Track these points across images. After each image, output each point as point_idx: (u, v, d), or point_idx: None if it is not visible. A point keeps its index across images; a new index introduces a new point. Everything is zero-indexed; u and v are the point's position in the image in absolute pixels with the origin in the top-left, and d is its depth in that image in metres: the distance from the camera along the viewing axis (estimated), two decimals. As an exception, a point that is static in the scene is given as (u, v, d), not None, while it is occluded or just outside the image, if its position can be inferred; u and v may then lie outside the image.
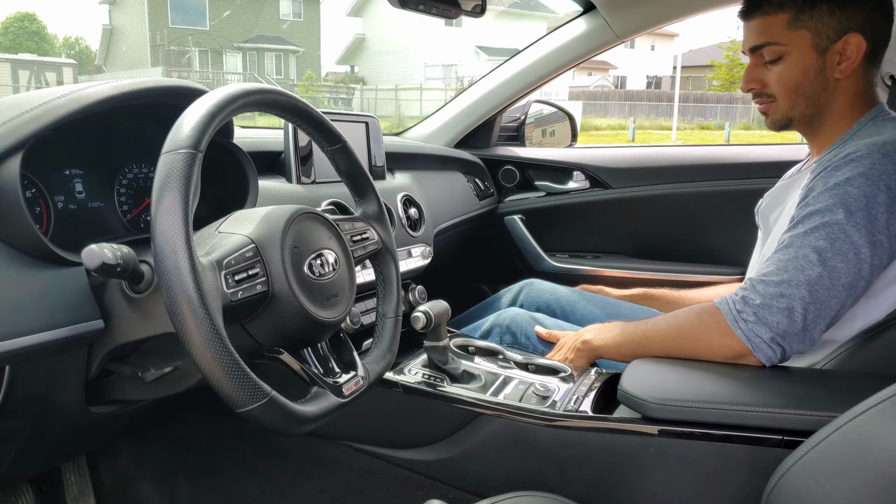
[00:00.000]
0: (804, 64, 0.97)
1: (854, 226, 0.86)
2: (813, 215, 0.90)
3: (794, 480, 0.65)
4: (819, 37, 0.96)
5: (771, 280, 0.90)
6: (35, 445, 0.83)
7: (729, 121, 22.15)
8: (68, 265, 0.72)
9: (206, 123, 0.64)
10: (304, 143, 1.17)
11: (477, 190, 1.82)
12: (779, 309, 0.88)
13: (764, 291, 0.90)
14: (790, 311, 0.87)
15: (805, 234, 0.89)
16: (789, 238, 0.91)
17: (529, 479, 0.97)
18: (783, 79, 0.99)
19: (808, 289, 0.87)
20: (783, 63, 0.99)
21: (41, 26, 29.65)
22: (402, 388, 1.07)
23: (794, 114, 1.02)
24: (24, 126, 0.71)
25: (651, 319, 1.04)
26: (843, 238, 0.87)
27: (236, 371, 0.59)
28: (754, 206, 1.20)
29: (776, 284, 0.89)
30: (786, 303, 0.87)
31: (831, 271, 0.87)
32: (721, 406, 0.84)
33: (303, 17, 27.42)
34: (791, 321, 0.87)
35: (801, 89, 0.99)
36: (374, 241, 0.89)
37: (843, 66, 0.96)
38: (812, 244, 0.88)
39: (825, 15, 0.95)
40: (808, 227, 0.90)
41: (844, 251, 0.87)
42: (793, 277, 0.88)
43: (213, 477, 1.27)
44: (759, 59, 1.02)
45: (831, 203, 0.88)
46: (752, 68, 1.03)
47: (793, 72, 0.98)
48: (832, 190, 0.89)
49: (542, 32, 1.78)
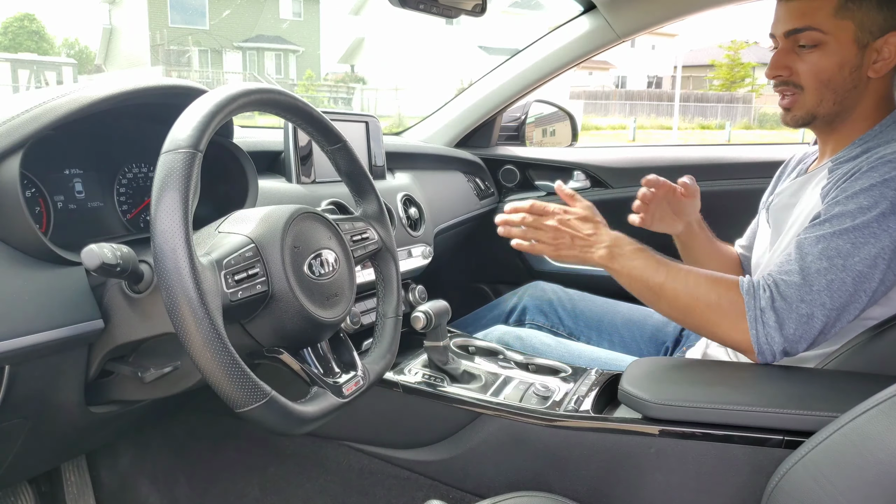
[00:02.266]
0: (842, 57, 0.91)
1: (886, 229, 0.83)
2: (843, 216, 0.85)
3: (794, 480, 0.65)
4: (862, 31, 0.90)
5: (794, 281, 0.86)
6: (35, 445, 0.83)
7: (730, 120, 22.16)
8: (68, 265, 0.72)
9: (206, 123, 0.64)
10: (304, 143, 1.17)
11: (477, 190, 1.82)
12: (799, 316, 0.84)
13: (787, 293, 0.86)
14: (809, 319, 0.84)
15: (833, 236, 0.85)
16: (814, 238, 0.87)
17: (529, 479, 0.97)
18: (817, 69, 0.92)
19: (830, 295, 0.84)
20: (820, 52, 0.91)
21: (41, 26, 29.68)
22: (402, 388, 1.07)
23: (819, 110, 0.95)
24: (24, 126, 0.71)
25: (674, 269, 0.94)
26: (872, 242, 0.83)
27: (236, 371, 0.59)
28: (754, 206, 1.20)
29: (799, 287, 0.85)
30: (806, 309, 0.84)
31: (856, 276, 0.83)
32: (721, 406, 0.84)
33: (303, 17, 27.44)
34: (808, 329, 0.85)
35: (832, 84, 0.93)
36: (374, 241, 0.89)
37: (879, 66, 0.91)
38: (839, 247, 0.84)
39: (873, 9, 0.89)
40: (837, 228, 0.85)
41: (873, 256, 0.83)
42: (816, 282, 0.85)
43: (213, 477, 1.27)
44: (791, 44, 0.94)
45: (865, 205, 0.84)
46: (784, 54, 0.95)
47: (829, 63, 0.91)
48: (868, 191, 0.85)
49: (543, 32, 1.78)
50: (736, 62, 26.67)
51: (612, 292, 1.54)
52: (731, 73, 26.84)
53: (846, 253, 0.84)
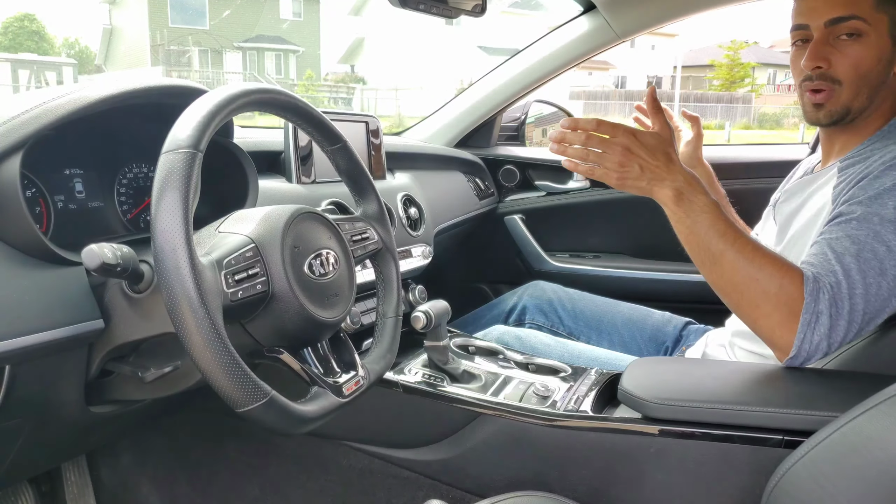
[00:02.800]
0: (881, 50, 0.89)
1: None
2: (870, 218, 0.82)
3: (794, 480, 0.65)
4: (894, 26, 0.89)
5: (841, 287, 0.81)
6: (35, 445, 0.83)
7: (729, 120, 22.15)
8: (68, 265, 0.72)
9: (207, 123, 0.64)
10: (304, 143, 1.17)
11: (477, 190, 1.82)
12: (846, 323, 0.81)
13: (838, 299, 0.81)
14: (849, 325, 0.81)
15: (868, 239, 0.81)
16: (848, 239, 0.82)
17: (529, 479, 0.97)
18: (857, 61, 0.89)
19: (867, 300, 0.81)
20: (860, 43, 0.89)
21: (41, 26, 29.66)
22: (402, 388, 1.07)
23: (854, 105, 0.92)
24: (24, 126, 0.71)
25: (742, 240, 0.85)
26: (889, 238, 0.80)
27: (236, 371, 0.59)
28: (754, 206, 1.19)
29: (846, 293, 0.81)
30: (849, 315, 0.80)
31: (892, 280, 0.81)
32: (721, 406, 0.84)
33: (303, 17, 27.43)
34: (846, 335, 0.82)
35: (869, 77, 0.90)
36: (374, 241, 0.89)
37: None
38: (876, 250, 0.81)
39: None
40: (868, 230, 0.81)
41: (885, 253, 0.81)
42: (858, 286, 0.80)
43: (213, 477, 1.27)
44: (828, 35, 0.91)
45: (891, 205, 0.82)
46: (822, 44, 0.91)
47: (869, 55, 0.89)
48: (891, 191, 0.82)
49: (543, 32, 1.78)
50: (736, 62, 26.69)
51: (613, 292, 1.55)
52: (730, 73, 26.85)
53: (882, 256, 0.81)
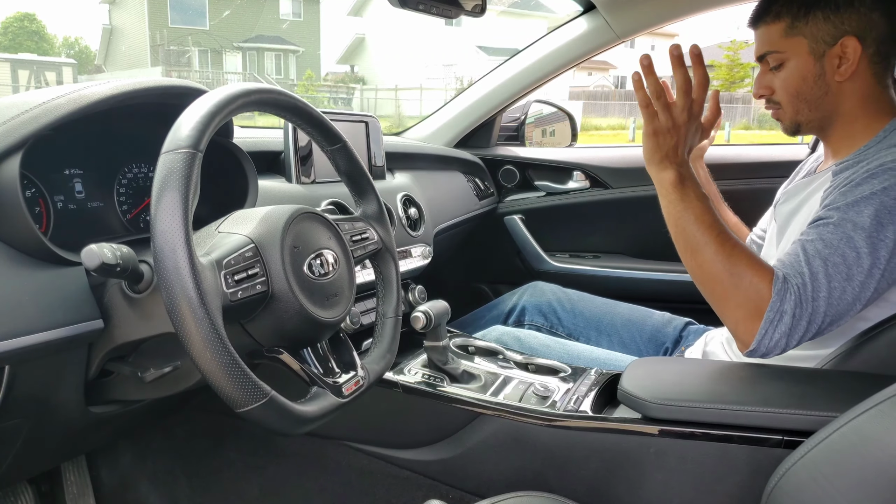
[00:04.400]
0: (803, 70, 0.99)
1: (883, 239, 0.84)
2: (844, 224, 0.87)
3: (794, 480, 0.65)
4: (816, 42, 0.97)
5: (806, 289, 0.86)
6: (34, 445, 0.83)
7: (729, 121, 22.14)
8: (68, 265, 0.72)
9: (206, 123, 0.64)
10: (304, 143, 1.17)
11: (477, 190, 1.82)
12: (806, 324, 0.86)
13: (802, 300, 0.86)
14: (809, 326, 0.86)
15: (840, 243, 0.86)
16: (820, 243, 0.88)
17: (529, 479, 0.97)
18: (786, 85, 1.01)
19: (830, 303, 0.85)
20: (785, 70, 1.00)
21: (41, 26, 29.65)
22: (402, 388, 1.07)
23: (800, 119, 1.03)
24: (24, 126, 0.71)
25: (724, 235, 0.92)
26: (872, 252, 0.85)
27: (236, 371, 0.59)
28: (754, 206, 1.20)
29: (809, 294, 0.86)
30: (810, 317, 0.86)
31: (857, 286, 0.85)
32: (721, 406, 0.84)
33: (303, 17, 27.43)
34: (805, 335, 0.86)
35: (802, 94, 1.00)
36: (374, 241, 0.89)
37: (843, 70, 0.96)
38: (845, 255, 0.85)
39: (820, 21, 0.96)
40: (841, 235, 0.86)
41: (870, 266, 0.85)
42: (822, 289, 0.85)
43: (213, 477, 1.27)
44: (765, 66, 1.04)
45: (866, 213, 0.86)
46: (762, 76, 1.05)
47: (793, 78, 1.00)
48: (870, 200, 0.86)
49: (542, 32, 1.78)
50: (735, 63, 26.67)
51: (612, 292, 1.55)
52: (730, 73, 26.83)
53: (851, 262, 0.85)
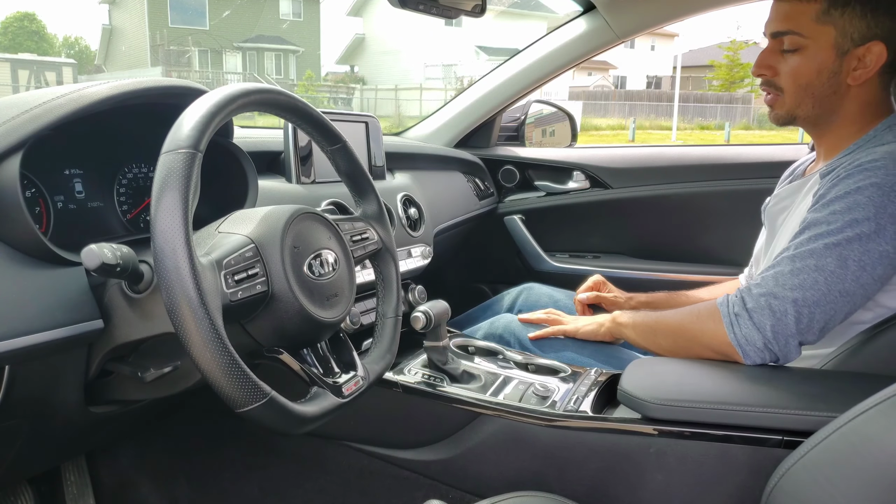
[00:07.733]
0: (821, 62, 0.93)
1: (858, 234, 0.85)
2: (818, 223, 0.88)
3: (793, 481, 0.65)
4: (844, 37, 0.91)
5: (766, 283, 0.90)
6: (34, 445, 0.83)
7: (729, 121, 22.15)
8: (68, 265, 0.72)
9: (206, 123, 0.64)
10: (304, 143, 1.17)
11: (477, 190, 1.82)
12: (771, 312, 0.88)
13: (756, 294, 0.89)
14: (783, 315, 0.87)
15: (808, 241, 0.88)
16: (794, 244, 0.90)
17: (529, 479, 0.97)
18: (796, 73, 0.95)
19: (802, 292, 0.86)
20: (800, 56, 0.94)
21: (41, 26, 29.64)
22: (402, 388, 1.07)
23: (798, 112, 0.98)
24: (24, 126, 0.71)
25: (669, 311, 1.05)
26: (843, 245, 0.86)
27: (236, 371, 0.59)
28: (754, 206, 1.19)
29: (770, 287, 0.89)
30: (778, 305, 0.87)
31: (828, 276, 0.86)
32: (721, 406, 0.84)
33: (303, 17, 27.41)
34: (784, 325, 0.87)
35: (811, 88, 0.95)
36: (374, 241, 0.89)
37: (858, 74, 0.92)
38: (813, 249, 0.87)
39: (856, 16, 0.90)
40: (812, 233, 0.88)
41: (843, 257, 0.85)
42: (787, 281, 0.88)
43: (213, 477, 1.27)
44: (777, 45, 0.97)
45: (838, 210, 0.87)
46: (768, 53, 0.98)
47: (807, 68, 0.94)
48: (843, 198, 0.87)
49: (542, 32, 1.78)
50: (735, 62, 26.67)
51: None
52: (730, 73, 26.83)
53: (818, 254, 0.87)
